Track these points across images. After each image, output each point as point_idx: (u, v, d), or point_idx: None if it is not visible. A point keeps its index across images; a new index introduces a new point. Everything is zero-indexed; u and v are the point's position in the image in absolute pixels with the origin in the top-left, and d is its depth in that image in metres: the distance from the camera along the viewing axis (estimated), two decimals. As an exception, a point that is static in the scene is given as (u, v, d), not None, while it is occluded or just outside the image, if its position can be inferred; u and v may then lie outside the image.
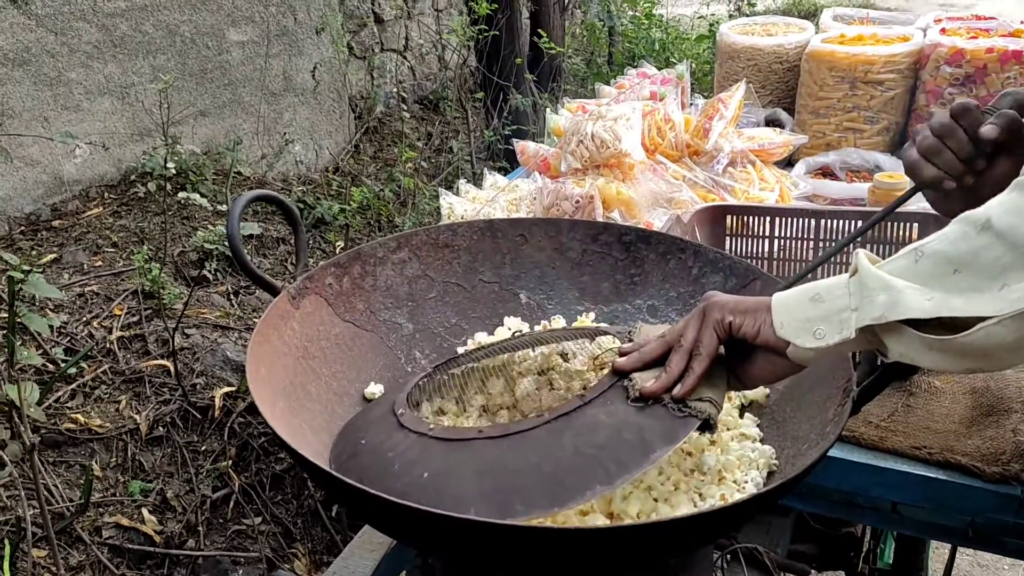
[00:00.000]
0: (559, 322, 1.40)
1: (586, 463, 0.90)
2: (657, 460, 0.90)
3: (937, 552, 2.52)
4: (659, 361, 0.99)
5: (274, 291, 1.20)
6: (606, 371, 1.03)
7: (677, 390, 0.94)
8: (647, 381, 0.96)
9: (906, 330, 0.81)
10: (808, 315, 0.87)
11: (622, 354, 1.02)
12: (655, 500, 1.02)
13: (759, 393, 1.21)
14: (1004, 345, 0.76)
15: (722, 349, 0.97)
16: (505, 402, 1.13)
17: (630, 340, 1.05)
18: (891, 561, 1.95)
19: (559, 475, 0.89)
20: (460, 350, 1.37)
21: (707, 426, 0.93)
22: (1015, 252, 0.75)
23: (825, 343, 0.86)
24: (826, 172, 2.37)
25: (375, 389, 1.25)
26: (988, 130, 1.02)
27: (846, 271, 0.87)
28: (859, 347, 0.88)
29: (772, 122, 2.54)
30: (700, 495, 1.03)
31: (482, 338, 1.38)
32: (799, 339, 0.88)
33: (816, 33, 2.67)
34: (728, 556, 1.36)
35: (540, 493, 0.88)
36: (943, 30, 2.45)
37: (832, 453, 1.33)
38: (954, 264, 0.78)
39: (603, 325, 1.31)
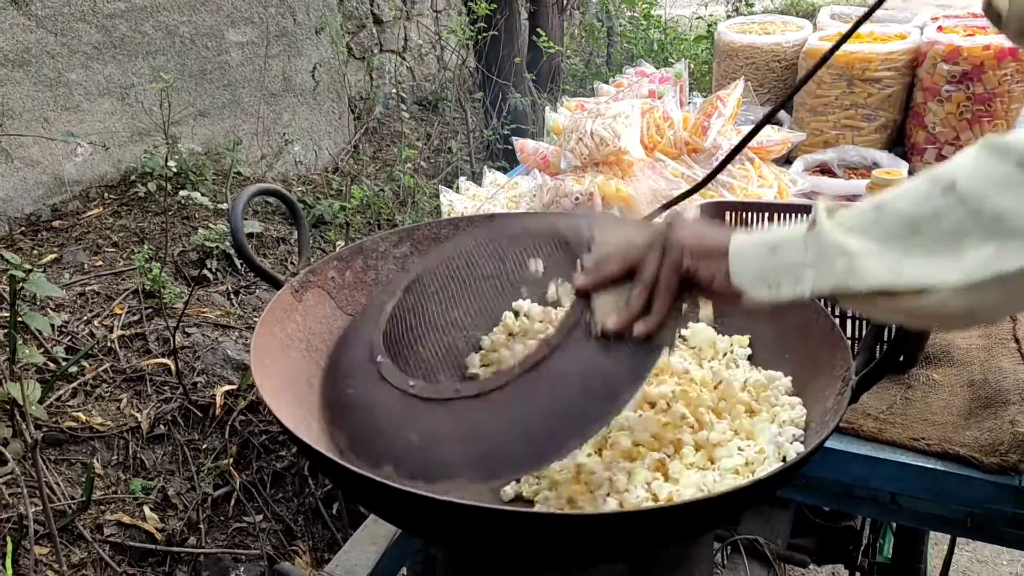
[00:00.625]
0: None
1: (559, 420, 0.93)
2: (625, 403, 0.93)
3: (937, 547, 2.53)
4: (617, 281, 0.98)
5: (277, 284, 1.21)
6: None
7: (639, 328, 0.94)
8: (608, 315, 0.96)
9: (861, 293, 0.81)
10: (763, 266, 0.87)
11: (582, 270, 1.01)
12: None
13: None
14: (955, 311, 0.76)
15: None
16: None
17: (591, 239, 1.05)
18: (890, 555, 1.96)
19: (535, 434, 0.93)
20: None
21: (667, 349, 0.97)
22: (975, 219, 0.73)
23: (778, 296, 0.86)
24: (824, 169, 2.38)
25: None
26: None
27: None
28: (812, 298, 0.87)
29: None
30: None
31: None
32: (754, 290, 0.88)
33: (814, 31, 2.68)
34: (728, 548, 1.37)
35: (521, 452, 0.92)
36: (940, 28, 2.46)
37: (832, 445, 1.35)
38: (914, 225, 0.77)
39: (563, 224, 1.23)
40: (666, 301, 0.94)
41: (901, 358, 1.51)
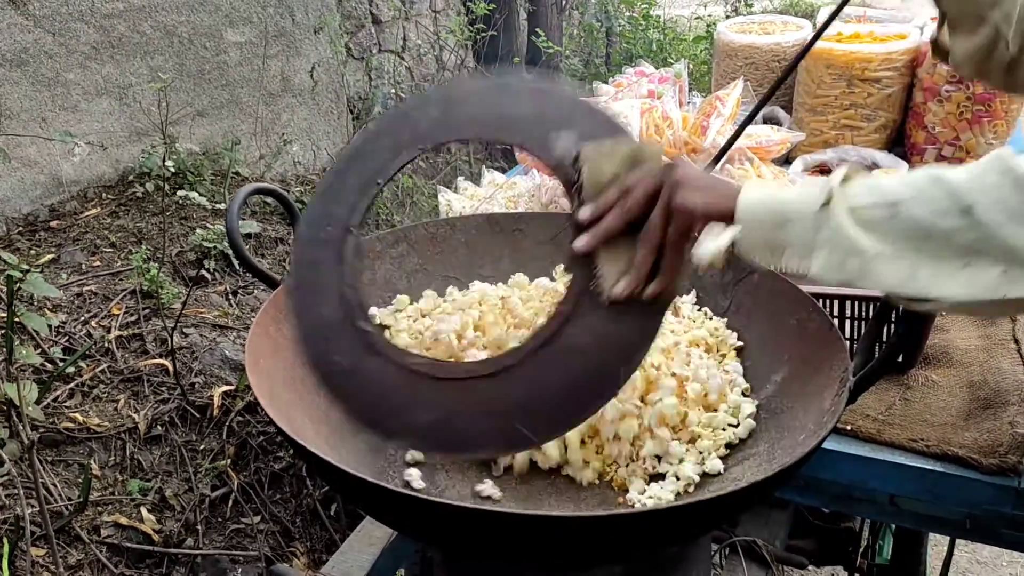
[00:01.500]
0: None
1: (578, 388, 0.95)
2: (639, 363, 0.97)
3: (936, 549, 2.52)
4: (620, 234, 0.96)
5: (273, 284, 1.21)
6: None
7: (649, 291, 0.94)
8: (613, 279, 0.95)
9: None
10: (772, 238, 0.87)
11: (577, 228, 0.98)
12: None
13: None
14: (952, 311, 0.85)
15: None
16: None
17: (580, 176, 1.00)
18: (889, 557, 1.96)
19: (558, 402, 0.95)
20: None
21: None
22: (988, 243, 0.76)
23: (782, 266, 0.87)
24: (824, 169, 2.37)
25: None
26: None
27: None
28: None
29: (770, 120, 2.54)
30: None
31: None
32: (756, 256, 0.89)
33: (813, 31, 2.68)
34: (726, 549, 1.37)
35: (546, 421, 0.95)
36: (940, 28, 2.45)
37: (830, 446, 1.35)
38: (928, 234, 0.79)
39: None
40: (675, 264, 0.93)
41: (900, 359, 1.51)
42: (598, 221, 0.96)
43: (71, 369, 2.40)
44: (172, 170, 3.06)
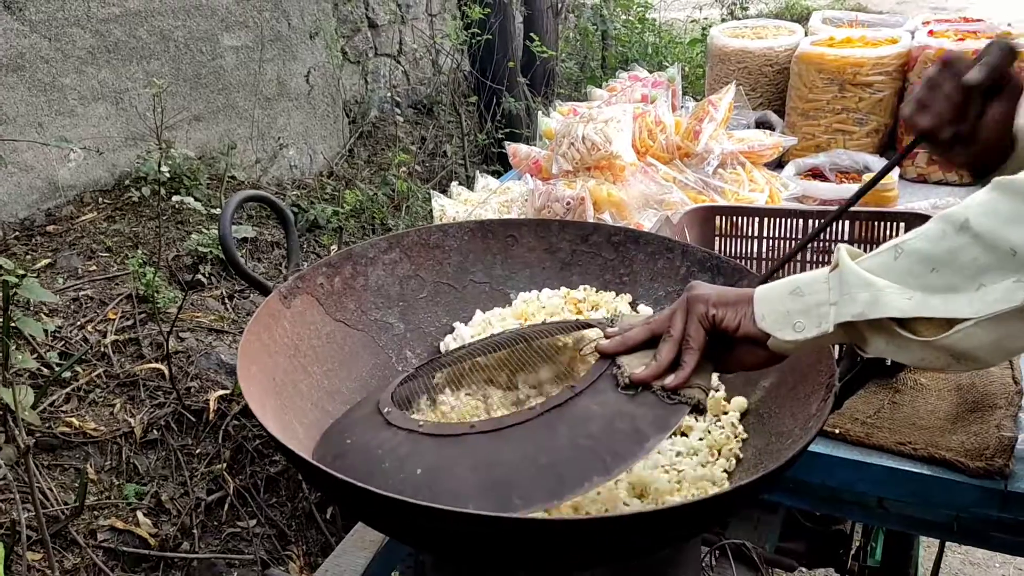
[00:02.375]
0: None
1: (582, 454, 0.90)
2: (652, 448, 0.91)
3: (928, 551, 2.53)
4: (642, 346, 1.00)
5: (265, 290, 1.22)
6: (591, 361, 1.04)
7: (670, 380, 0.95)
8: (636, 368, 0.97)
9: (885, 328, 0.82)
10: (788, 308, 0.89)
11: (607, 338, 1.03)
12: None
13: (741, 403, 1.23)
14: (982, 346, 0.77)
15: None
16: (502, 399, 1.13)
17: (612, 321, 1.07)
18: (880, 559, 1.97)
19: (556, 467, 0.90)
20: (442, 346, 1.38)
21: (697, 409, 0.95)
22: (991, 254, 0.76)
23: (804, 336, 0.88)
24: (816, 173, 2.39)
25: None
26: (973, 75, 1.04)
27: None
28: (837, 340, 0.89)
29: (762, 124, 2.56)
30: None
31: (462, 329, 1.39)
32: (779, 331, 0.89)
33: (805, 36, 2.70)
34: (716, 552, 1.38)
35: (537, 486, 0.89)
36: (931, 32, 2.47)
37: (819, 449, 1.36)
38: (933, 263, 0.79)
39: (586, 317, 1.31)
40: (695, 353, 0.95)
41: (888, 362, 1.52)
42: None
43: (67, 374, 2.41)
44: (168, 175, 3.07)
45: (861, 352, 0.89)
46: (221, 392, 2.55)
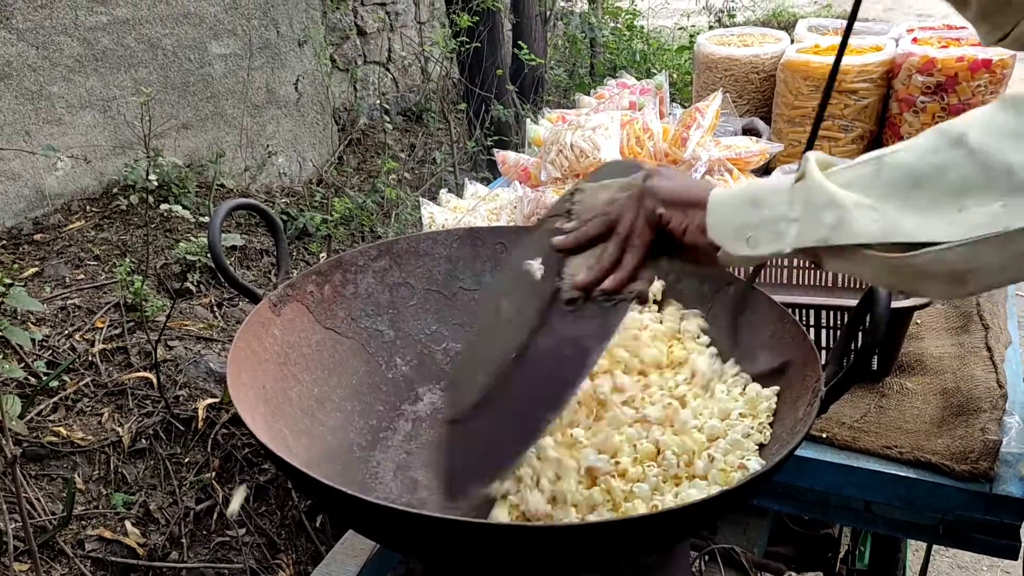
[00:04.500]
0: None
1: (541, 396, 0.94)
2: (596, 361, 0.93)
3: (917, 554, 2.55)
4: (597, 239, 0.97)
5: (255, 298, 1.22)
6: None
7: (608, 283, 0.93)
8: (580, 272, 0.96)
9: (844, 246, 0.76)
10: (744, 220, 0.83)
11: (563, 233, 1.00)
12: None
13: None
14: (951, 273, 0.71)
15: None
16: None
17: (573, 204, 1.03)
18: (868, 562, 1.98)
19: (524, 418, 0.94)
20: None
21: (638, 300, 0.95)
22: (984, 173, 0.69)
23: (756, 252, 0.82)
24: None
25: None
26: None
27: None
28: (792, 257, 0.84)
29: (749, 131, 2.57)
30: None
31: None
32: (729, 245, 0.85)
33: (791, 44, 2.72)
34: (706, 557, 1.38)
35: (515, 439, 0.93)
36: (915, 40, 2.50)
37: (806, 454, 1.37)
38: (917, 178, 0.72)
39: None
40: (637, 253, 0.91)
41: (875, 367, 1.53)
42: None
43: (55, 383, 2.40)
44: (156, 183, 3.06)
45: (816, 266, 0.86)
46: (210, 400, 2.54)
